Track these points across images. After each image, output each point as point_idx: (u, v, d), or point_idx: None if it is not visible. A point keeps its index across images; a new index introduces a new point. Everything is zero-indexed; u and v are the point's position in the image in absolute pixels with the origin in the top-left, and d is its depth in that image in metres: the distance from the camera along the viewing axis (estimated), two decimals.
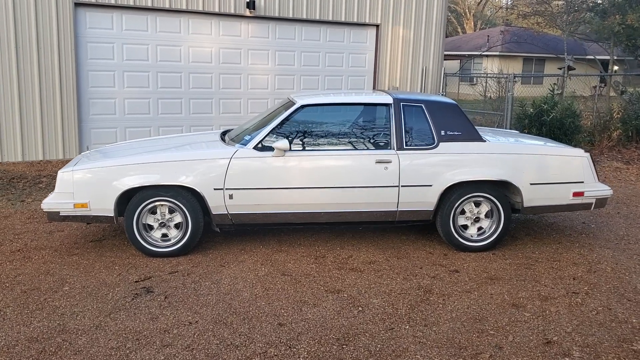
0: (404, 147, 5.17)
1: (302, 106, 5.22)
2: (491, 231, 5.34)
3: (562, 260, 5.18)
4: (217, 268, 4.84)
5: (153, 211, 5.06)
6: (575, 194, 5.34)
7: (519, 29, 26.35)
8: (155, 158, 5.00)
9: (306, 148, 5.11)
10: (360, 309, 4.11)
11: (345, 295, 4.34)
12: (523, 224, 6.34)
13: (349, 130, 5.27)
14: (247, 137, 5.22)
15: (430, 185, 5.16)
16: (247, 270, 4.80)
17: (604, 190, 5.41)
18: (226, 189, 4.99)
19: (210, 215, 5.08)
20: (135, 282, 4.54)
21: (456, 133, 5.23)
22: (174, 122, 10.30)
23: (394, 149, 5.16)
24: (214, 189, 4.97)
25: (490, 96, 13.25)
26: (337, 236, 5.77)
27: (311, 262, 5.04)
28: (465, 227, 5.37)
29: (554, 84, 11.40)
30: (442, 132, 5.22)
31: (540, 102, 10.62)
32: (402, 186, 5.13)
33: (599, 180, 5.47)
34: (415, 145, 5.18)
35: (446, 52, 28.69)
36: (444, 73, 12.32)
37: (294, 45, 11.11)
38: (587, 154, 5.39)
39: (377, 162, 5.10)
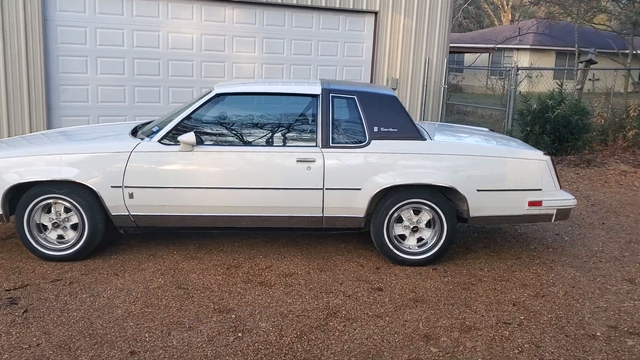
0: (330, 144, 4.51)
1: (217, 95, 4.61)
2: (432, 243, 4.64)
3: (510, 280, 4.45)
4: (108, 277, 4.29)
5: (48, 210, 4.54)
6: (532, 204, 4.59)
7: (553, 22, 25.01)
8: (43, 150, 4.47)
9: (218, 143, 4.51)
10: (239, 334, 3.50)
11: (232, 316, 3.73)
12: (485, 234, 5.59)
13: (270, 124, 4.65)
14: (155, 129, 4.64)
15: (359, 189, 4.49)
16: (140, 281, 4.23)
17: (567, 200, 4.64)
18: (125, 186, 4.43)
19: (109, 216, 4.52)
20: (7, 290, 4.04)
21: (391, 130, 4.54)
22: (151, 111, 9.79)
23: (318, 146, 4.50)
24: (112, 187, 4.42)
25: (494, 91, 12.34)
26: (267, 242, 5.16)
27: (220, 272, 4.44)
28: (403, 237, 4.68)
29: (576, 77, 10.45)
30: (375, 129, 4.53)
31: (546, 97, 9.73)
32: (326, 189, 4.48)
33: (561, 187, 4.68)
34: (344, 143, 4.52)
35: (475, 45, 27.60)
36: (447, 65, 11.49)
37: (284, 32, 10.48)
38: (547, 157, 4.62)
39: (298, 161, 4.46)
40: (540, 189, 4.58)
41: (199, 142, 4.47)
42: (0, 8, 8.36)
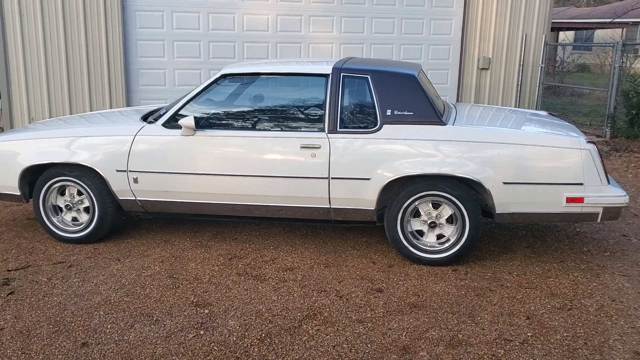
0: (338, 129, 4.13)
1: (223, 76, 4.38)
2: (454, 240, 4.13)
3: (539, 287, 3.85)
4: (108, 262, 4.25)
5: (63, 192, 4.58)
6: (571, 200, 3.93)
7: None
8: (56, 134, 4.49)
9: (220, 127, 4.29)
10: (201, 332, 3.27)
11: (206, 311, 3.52)
12: (534, 231, 4.93)
13: (277, 107, 4.35)
14: (162, 112, 4.51)
15: (368, 179, 4.08)
16: (136, 268, 4.14)
17: (616, 197, 3.92)
18: (130, 171, 4.34)
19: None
20: (8, 270, 4.10)
21: (406, 113, 4.06)
22: None
23: (325, 131, 4.14)
24: (117, 171, 4.36)
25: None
26: (285, 232, 4.90)
27: (220, 263, 4.25)
28: (422, 233, 4.21)
29: None
30: (388, 112, 4.08)
31: None
32: (332, 178, 4.12)
33: (609, 181, 3.97)
34: (353, 127, 4.12)
35: (603, 20, 25.21)
36: (545, 42, 10.46)
37: (364, 10, 10.04)
38: (591, 146, 3.92)
39: (302, 147, 4.13)
40: (582, 183, 3.90)
41: (204, 125, 4.27)
42: None
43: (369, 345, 3.14)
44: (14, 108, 8.79)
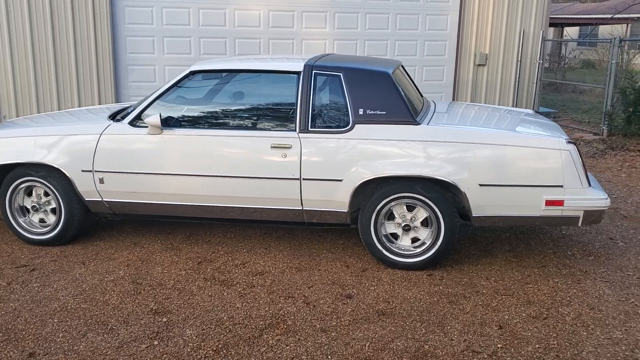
0: (309, 128, 3.97)
1: (192, 72, 4.23)
2: (429, 244, 3.97)
3: (515, 294, 3.68)
4: (72, 265, 4.11)
5: (30, 193, 4.45)
6: (550, 203, 3.76)
7: None
8: (20, 132, 4.36)
9: (188, 126, 4.14)
10: (155, 342, 3.13)
11: (164, 320, 3.38)
12: (518, 234, 4.76)
13: (247, 105, 4.19)
14: (130, 110, 4.37)
15: (340, 180, 3.92)
16: (100, 272, 4.01)
17: (597, 200, 3.74)
18: (96, 171, 4.21)
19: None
20: None
21: (379, 112, 3.90)
22: None
23: (296, 130, 3.98)
24: (82, 171, 4.22)
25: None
26: (262, 235, 4.74)
27: (188, 267, 4.10)
28: (396, 236, 4.05)
29: None
30: (360, 111, 3.92)
31: None
32: (304, 179, 3.96)
33: (590, 183, 3.79)
34: (324, 127, 3.96)
35: (605, 15, 24.89)
36: (542, 38, 10.25)
37: (357, 6, 9.86)
38: (571, 146, 3.75)
39: (273, 147, 3.98)
40: (562, 186, 3.73)
41: (172, 124, 4.13)
42: None
43: (329, 357, 2.99)
44: (2, 104, 8.67)
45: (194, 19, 9.30)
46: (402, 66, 5.01)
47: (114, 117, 4.47)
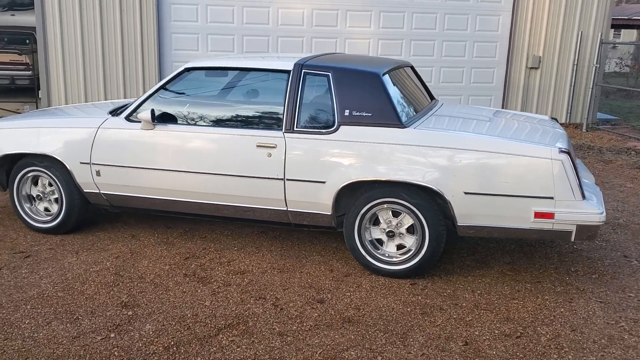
0: (295, 128, 3.91)
1: (186, 69, 4.26)
2: (414, 252, 3.82)
3: (496, 310, 3.48)
4: (65, 255, 4.23)
5: (36, 182, 4.62)
6: (540, 215, 3.52)
7: None
8: (27, 123, 4.53)
9: (179, 122, 4.17)
10: (111, 335, 3.17)
11: (129, 313, 3.41)
12: (525, 247, 4.50)
13: (237, 103, 4.18)
14: (129, 105, 4.45)
15: (323, 182, 3.84)
16: (88, 263, 4.10)
17: (592, 214, 3.48)
18: (93, 163, 4.31)
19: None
20: None
21: (365, 114, 3.79)
22: None
23: (282, 130, 3.93)
24: (80, 163, 4.33)
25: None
26: (257, 234, 4.71)
27: (174, 262, 4.14)
28: (381, 242, 3.93)
29: None
30: (346, 112, 3.82)
31: None
32: (287, 180, 3.90)
33: (584, 196, 3.52)
34: (310, 128, 3.88)
35: None
36: (600, 40, 9.71)
37: (404, 4, 9.68)
38: (564, 156, 3.50)
39: (258, 146, 3.95)
40: (552, 197, 3.49)
41: (164, 119, 4.17)
42: None
43: None
44: (52, 99, 9.08)
45: (237, 16, 9.39)
46: (412, 67, 4.86)
47: (115, 112, 4.55)
